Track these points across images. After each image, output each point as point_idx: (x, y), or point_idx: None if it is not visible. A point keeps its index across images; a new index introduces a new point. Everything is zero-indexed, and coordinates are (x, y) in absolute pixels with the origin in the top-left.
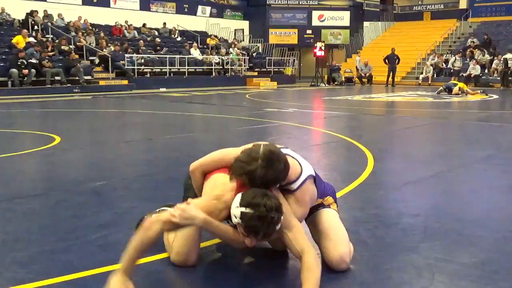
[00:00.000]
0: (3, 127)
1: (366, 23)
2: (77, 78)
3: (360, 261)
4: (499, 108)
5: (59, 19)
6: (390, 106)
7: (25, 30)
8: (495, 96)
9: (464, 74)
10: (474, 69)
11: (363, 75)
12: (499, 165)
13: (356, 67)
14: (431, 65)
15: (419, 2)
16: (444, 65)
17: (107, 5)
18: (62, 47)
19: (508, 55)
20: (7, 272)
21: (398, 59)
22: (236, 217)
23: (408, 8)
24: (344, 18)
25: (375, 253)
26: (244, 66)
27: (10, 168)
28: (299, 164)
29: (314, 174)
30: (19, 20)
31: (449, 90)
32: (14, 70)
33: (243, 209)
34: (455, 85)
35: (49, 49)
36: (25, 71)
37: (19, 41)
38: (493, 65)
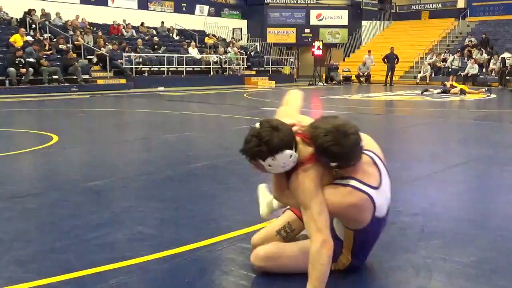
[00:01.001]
0: (1, 126)
1: (364, 22)
2: (75, 77)
3: None
4: (497, 107)
5: (57, 18)
6: (388, 105)
7: (22, 29)
8: (493, 95)
9: (462, 73)
10: (472, 68)
11: (361, 74)
12: (497, 164)
13: (365, 62)
14: (429, 64)
15: (417, 1)
16: (442, 64)
17: (105, 4)
18: (60, 46)
19: (505, 54)
20: (5, 271)
21: (397, 58)
22: None
23: (406, 7)
24: (342, 17)
25: (373, 252)
26: (242, 65)
27: (8, 167)
28: (378, 173)
29: (375, 203)
30: (16, 19)
31: (444, 91)
32: (12, 69)
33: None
34: (445, 86)
35: (47, 48)
36: (23, 70)
37: (16, 40)
38: (491, 65)
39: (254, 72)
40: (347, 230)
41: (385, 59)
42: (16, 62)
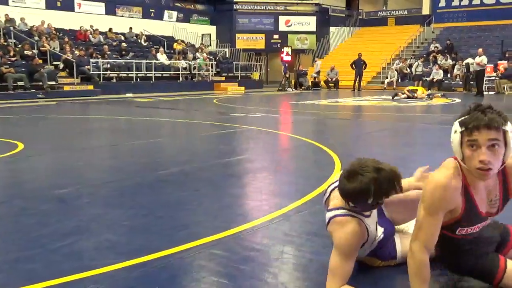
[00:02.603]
0: None
1: (332, 28)
2: (41, 83)
3: (321, 261)
4: (461, 111)
5: (21, 23)
6: (356, 110)
7: None
8: (457, 100)
9: (428, 79)
10: (437, 74)
11: (329, 79)
12: None
13: (316, 71)
14: (396, 69)
15: (384, 8)
16: (408, 69)
17: (72, 9)
18: (25, 51)
19: (469, 60)
20: None
21: (365, 64)
22: None
23: (373, 13)
24: (310, 23)
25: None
26: (212, 71)
27: None
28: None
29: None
30: None
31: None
32: None
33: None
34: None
35: (12, 54)
36: None
37: None
38: (455, 70)
39: (223, 78)
40: None
41: (353, 65)
42: None
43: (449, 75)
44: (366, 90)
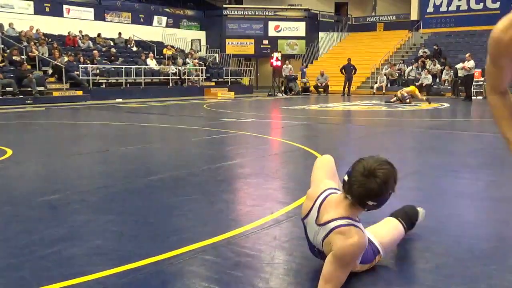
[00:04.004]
0: None
1: (321, 34)
2: (29, 89)
3: (312, 266)
4: (450, 116)
5: (10, 28)
6: (346, 115)
7: None
8: (446, 105)
9: (417, 83)
10: (426, 79)
11: (319, 84)
12: (453, 171)
13: (285, 75)
14: (385, 74)
15: (373, 13)
16: (397, 74)
17: (60, 14)
18: (14, 57)
19: (458, 65)
20: None
21: (355, 69)
22: None
23: (362, 19)
24: (299, 28)
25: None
26: (201, 76)
27: None
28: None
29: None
30: None
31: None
32: None
33: None
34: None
35: (0, 59)
36: None
37: None
38: (444, 75)
39: (213, 84)
40: None
41: (343, 70)
42: None
43: (437, 80)
44: (356, 95)
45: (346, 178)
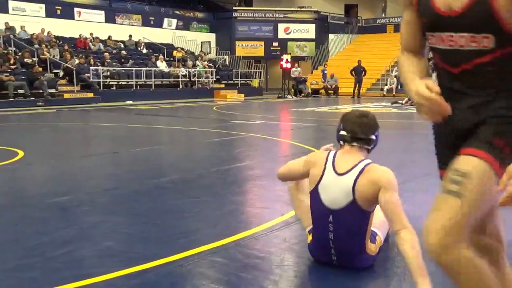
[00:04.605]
0: None
1: (331, 36)
2: (41, 91)
3: (321, 269)
4: None
5: (22, 31)
6: None
7: None
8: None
9: None
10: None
11: (329, 86)
12: None
13: (294, 77)
14: (395, 76)
15: (383, 15)
16: None
17: (71, 17)
18: (25, 59)
19: None
20: None
21: (365, 71)
22: None
23: (372, 20)
24: (309, 30)
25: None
26: (211, 78)
27: None
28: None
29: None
30: None
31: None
32: None
33: None
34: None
35: (12, 61)
36: None
37: None
38: None
39: (223, 85)
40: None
41: (353, 72)
42: None
43: None
44: (366, 97)
45: (343, 132)
